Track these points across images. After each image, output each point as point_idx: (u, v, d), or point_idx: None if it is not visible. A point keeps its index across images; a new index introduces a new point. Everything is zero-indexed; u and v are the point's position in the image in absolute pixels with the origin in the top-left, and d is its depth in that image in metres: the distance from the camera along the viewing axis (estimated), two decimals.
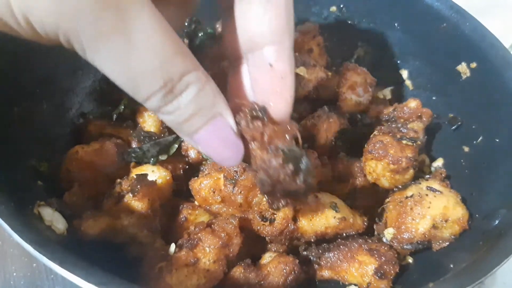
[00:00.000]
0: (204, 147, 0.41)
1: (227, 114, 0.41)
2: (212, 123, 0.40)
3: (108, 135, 0.66)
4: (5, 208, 0.44)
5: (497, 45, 0.66)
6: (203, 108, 0.39)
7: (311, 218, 0.56)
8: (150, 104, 0.37)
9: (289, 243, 0.58)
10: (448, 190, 0.60)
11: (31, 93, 0.61)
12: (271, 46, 0.42)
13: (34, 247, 0.41)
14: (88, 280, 0.39)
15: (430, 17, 0.72)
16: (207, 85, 0.38)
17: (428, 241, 0.58)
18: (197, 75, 0.37)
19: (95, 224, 0.52)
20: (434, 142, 0.72)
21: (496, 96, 0.63)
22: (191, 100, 0.37)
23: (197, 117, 0.39)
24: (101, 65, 0.35)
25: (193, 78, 0.37)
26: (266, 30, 0.41)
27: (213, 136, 0.40)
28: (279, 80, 0.43)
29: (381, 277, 0.54)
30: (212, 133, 0.40)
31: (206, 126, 0.40)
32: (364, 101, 0.72)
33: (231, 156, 0.42)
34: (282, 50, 0.42)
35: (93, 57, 0.35)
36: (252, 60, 0.44)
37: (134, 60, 0.34)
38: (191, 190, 0.61)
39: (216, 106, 0.40)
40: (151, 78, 0.35)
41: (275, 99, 0.44)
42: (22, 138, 0.57)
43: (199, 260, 0.50)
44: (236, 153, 0.42)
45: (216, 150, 0.42)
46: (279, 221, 0.54)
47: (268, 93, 0.44)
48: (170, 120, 0.39)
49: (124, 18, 0.33)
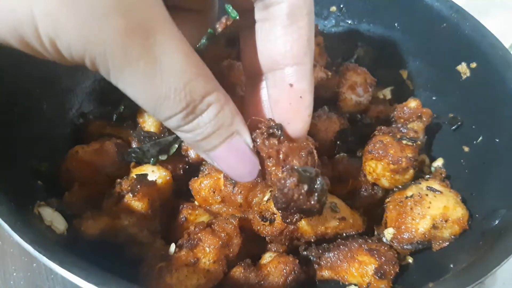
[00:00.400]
0: (220, 164, 0.43)
1: (244, 132, 0.42)
2: (229, 141, 0.41)
3: (108, 135, 0.66)
4: (5, 207, 0.44)
5: (497, 45, 0.66)
6: (221, 128, 0.40)
7: (311, 218, 0.56)
8: (170, 123, 0.38)
9: (289, 243, 0.58)
10: (448, 190, 0.60)
11: (31, 93, 0.61)
12: (292, 67, 0.43)
13: (34, 247, 0.41)
14: (88, 280, 0.39)
15: (430, 17, 0.72)
16: (226, 106, 0.40)
17: (428, 241, 0.58)
18: (217, 96, 0.38)
19: (95, 224, 0.52)
20: (434, 142, 0.72)
21: (496, 96, 0.63)
22: (210, 120, 0.39)
23: (215, 135, 0.40)
24: (125, 87, 0.36)
25: (214, 99, 0.38)
26: (289, 51, 0.42)
27: (229, 153, 0.42)
28: (298, 99, 0.44)
29: (381, 277, 0.54)
30: (228, 151, 0.41)
31: (223, 144, 0.41)
32: (364, 101, 0.72)
33: (246, 173, 0.44)
34: (303, 71, 0.43)
35: (117, 80, 0.35)
36: (272, 79, 0.44)
37: (158, 83, 0.35)
38: (191, 190, 0.61)
39: (234, 125, 0.41)
40: (174, 100, 0.36)
41: (293, 118, 0.44)
42: (22, 138, 0.57)
43: (199, 260, 0.50)
44: (252, 169, 0.43)
45: (232, 167, 0.43)
46: (279, 221, 0.54)
47: (287, 112, 0.44)
48: (188, 138, 0.40)
49: (151, 44, 0.33)
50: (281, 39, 0.42)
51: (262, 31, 0.43)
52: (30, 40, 0.33)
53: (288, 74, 0.43)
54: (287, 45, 0.42)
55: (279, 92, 0.44)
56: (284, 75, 0.43)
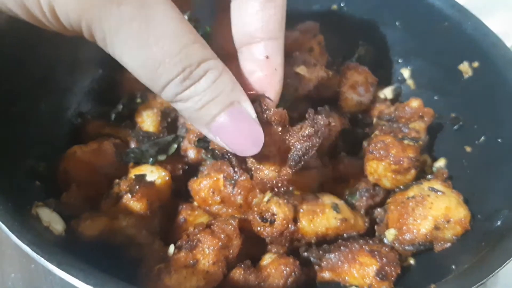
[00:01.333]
0: (222, 136, 0.41)
1: (245, 100, 0.41)
2: (229, 110, 0.40)
3: (107, 135, 0.65)
4: (3, 208, 0.44)
5: (499, 44, 0.65)
6: (220, 94, 0.39)
7: (312, 219, 0.56)
8: (167, 91, 0.38)
9: (289, 244, 0.57)
10: (450, 191, 0.59)
11: (29, 93, 0.61)
12: (268, 40, 0.45)
13: (32, 248, 0.41)
14: (86, 281, 0.39)
15: (432, 15, 0.71)
16: (225, 72, 0.40)
17: (429, 242, 0.57)
18: (215, 62, 0.39)
19: (93, 225, 0.52)
20: (435, 142, 0.72)
21: (498, 95, 0.63)
22: (209, 85, 0.38)
23: (214, 103, 0.39)
24: (121, 54, 0.36)
25: (212, 65, 0.38)
26: (265, 26, 0.45)
27: (231, 123, 0.40)
28: (273, 71, 0.46)
29: (383, 279, 0.54)
30: (230, 120, 0.40)
31: (224, 113, 0.40)
32: (365, 101, 0.72)
33: (250, 144, 0.42)
34: (278, 45, 0.46)
35: (113, 46, 0.36)
36: (248, 53, 0.46)
37: (153, 47, 0.35)
38: (190, 191, 0.60)
39: (234, 93, 0.40)
40: (170, 64, 0.36)
41: (268, 89, 0.46)
42: (20, 138, 0.57)
43: (199, 262, 0.50)
44: (256, 140, 0.42)
45: (236, 139, 0.41)
46: (279, 222, 0.53)
47: (261, 83, 0.46)
48: (186, 108, 0.40)
49: (144, 6, 0.34)
50: (259, 15, 0.44)
51: (240, 8, 0.45)
52: (31, 8, 0.35)
53: (265, 47, 0.45)
54: (264, 20, 0.44)
55: (255, 64, 0.46)
56: (260, 48, 0.45)
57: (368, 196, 0.64)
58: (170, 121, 0.68)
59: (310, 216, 0.56)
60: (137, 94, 0.69)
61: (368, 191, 0.64)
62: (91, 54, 0.71)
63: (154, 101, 0.69)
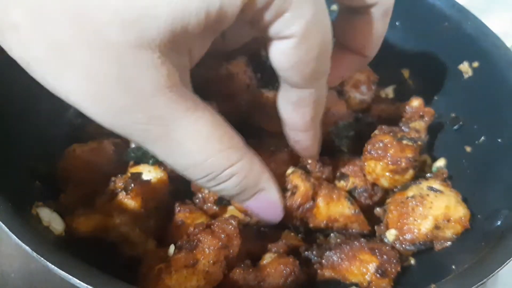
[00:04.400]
0: (251, 211, 0.51)
1: (271, 188, 0.48)
2: (255, 197, 0.47)
3: (107, 134, 0.65)
4: (3, 208, 0.44)
5: (499, 45, 0.65)
6: (246, 190, 0.45)
7: (329, 202, 0.58)
8: (198, 183, 0.43)
9: (300, 223, 0.59)
10: (448, 190, 0.59)
11: (29, 92, 0.60)
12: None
13: (32, 248, 0.40)
14: (86, 281, 0.39)
15: (432, 16, 0.71)
16: (250, 173, 0.44)
17: (430, 242, 0.57)
18: (241, 165, 0.42)
19: (87, 221, 0.51)
20: (435, 142, 0.72)
21: (498, 95, 0.63)
22: (234, 186, 0.44)
23: (240, 195, 0.46)
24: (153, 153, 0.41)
25: (237, 170, 0.42)
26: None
27: (257, 205, 0.49)
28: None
29: (382, 275, 0.54)
30: (256, 203, 0.48)
31: (251, 200, 0.47)
32: (367, 99, 0.72)
33: (273, 218, 0.53)
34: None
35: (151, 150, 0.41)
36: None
37: (178, 158, 0.40)
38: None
39: (259, 185, 0.46)
40: (195, 171, 0.41)
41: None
42: (19, 138, 0.57)
43: (199, 262, 0.50)
44: (278, 216, 0.52)
45: (261, 215, 0.51)
46: (300, 195, 0.55)
47: None
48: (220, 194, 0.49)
49: (168, 128, 0.37)
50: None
51: None
52: None
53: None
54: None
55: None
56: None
57: (366, 196, 0.64)
58: None
59: (328, 199, 0.58)
60: None
61: (367, 191, 0.64)
62: None
63: None
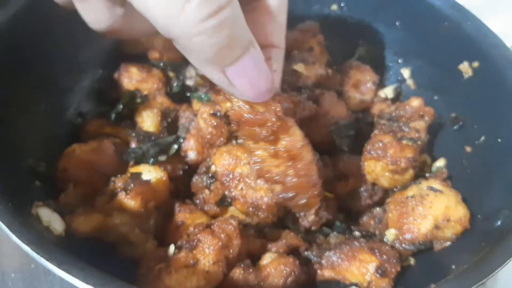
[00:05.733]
0: (242, 80, 0.40)
1: (258, 50, 0.41)
2: (251, 51, 0.39)
3: (107, 134, 0.65)
4: (3, 208, 0.44)
5: (499, 45, 0.65)
6: (234, 45, 0.38)
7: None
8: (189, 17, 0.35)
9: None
10: (448, 190, 0.59)
11: (29, 92, 0.61)
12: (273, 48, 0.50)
13: (32, 248, 0.41)
14: (86, 281, 0.39)
15: (432, 15, 0.71)
16: (238, 23, 0.38)
17: (430, 242, 0.57)
18: (228, 13, 0.36)
19: (86, 221, 0.51)
20: (435, 142, 0.72)
21: (498, 95, 0.63)
22: (222, 38, 0.36)
23: (236, 44, 0.38)
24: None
25: (224, 17, 0.35)
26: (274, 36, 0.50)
27: (251, 64, 0.40)
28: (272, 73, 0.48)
29: (382, 275, 0.54)
30: (253, 62, 0.40)
31: (235, 64, 0.39)
32: (367, 99, 0.72)
33: (265, 88, 0.43)
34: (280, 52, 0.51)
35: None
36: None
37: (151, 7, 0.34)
38: None
39: (250, 36, 0.40)
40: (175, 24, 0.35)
41: None
42: (20, 138, 0.57)
43: (199, 262, 0.50)
44: (271, 83, 0.43)
45: (256, 83, 0.41)
46: None
47: None
48: (211, 45, 0.37)
49: None
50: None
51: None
52: None
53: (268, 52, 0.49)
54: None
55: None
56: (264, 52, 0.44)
57: (366, 196, 0.64)
58: (170, 121, 0.68)
59: None
60: (137, 94, 0.69)
61: (367, 191, 0.64)
62: (91, 54, 0.71)
63: (154, 101, 0.69)
